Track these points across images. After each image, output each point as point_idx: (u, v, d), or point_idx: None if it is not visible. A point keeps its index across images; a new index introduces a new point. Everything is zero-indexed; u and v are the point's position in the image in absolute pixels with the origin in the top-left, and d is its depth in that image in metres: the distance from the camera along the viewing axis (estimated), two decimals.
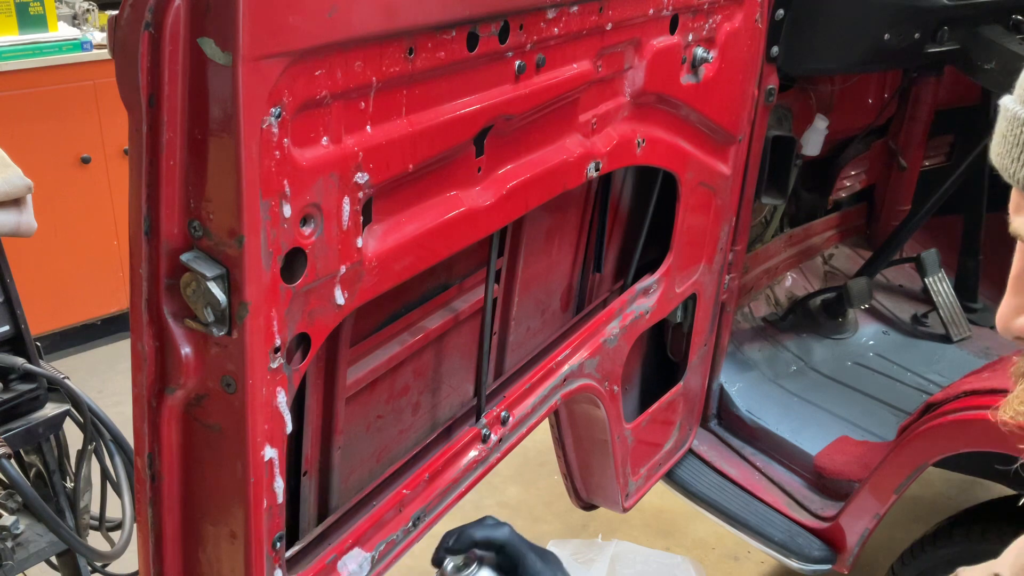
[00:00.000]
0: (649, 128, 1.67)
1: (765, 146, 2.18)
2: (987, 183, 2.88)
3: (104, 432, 1.90)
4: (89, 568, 2.01)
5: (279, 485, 1.08)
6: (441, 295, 1.51)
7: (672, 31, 1.61)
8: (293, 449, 1.27)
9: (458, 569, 1.00)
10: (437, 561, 1.02)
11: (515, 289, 1.69)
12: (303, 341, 1.07)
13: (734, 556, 3.06)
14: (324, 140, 1.00)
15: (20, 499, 1.75)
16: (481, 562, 1.00)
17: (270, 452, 1.05)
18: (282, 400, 1.05)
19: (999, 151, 0.73)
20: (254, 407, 1.01)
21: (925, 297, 2.91)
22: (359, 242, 1.09)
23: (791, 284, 2.97)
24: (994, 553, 1.12)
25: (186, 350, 0.99)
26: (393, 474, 1.42)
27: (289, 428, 1.08)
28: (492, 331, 1.63)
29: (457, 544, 1.00)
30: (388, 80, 1.04)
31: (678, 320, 2.19)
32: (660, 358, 2.31)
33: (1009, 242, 0.79)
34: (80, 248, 3.90)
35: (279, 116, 0.92)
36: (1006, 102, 0.72)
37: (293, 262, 1.01)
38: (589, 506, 2.31)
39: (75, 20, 4.05)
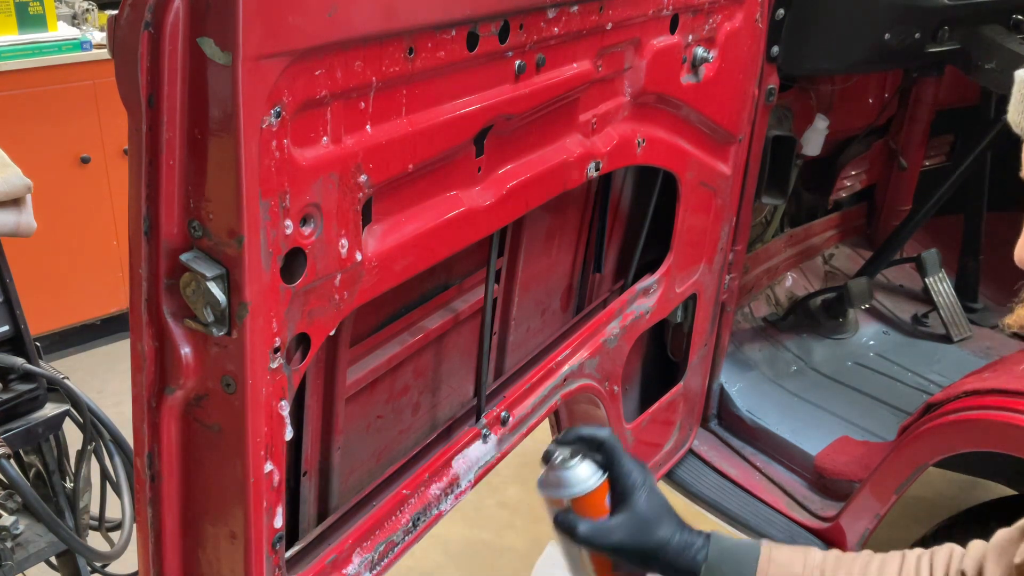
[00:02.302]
0: (649, 128, 1.67)
1: (765, 146, 2.18)
2: (987, 183, 2.88)
3: (104, 432, 1.90)
4: (89, 568, 2.01)
5: (279, 485, 1.08)
6: (441, 295, 1.51)
7: (672, 31, 1.61)
8: (293, 449, 1.27)
9: (564, 460, 1.15)
10: (547, 454, 1.17)
11: (515, 289, 1.69)
12: (303, 341, 1.07)
13: None
14: (324, 140, 1.00)
15: (20, 499, 1.75)
16: (584, 457, 1.15)
17: (270, 453, 1.05)
18: (282, 400, 1.05)
19: (1014, 110, 0.88)
20: (254, 407, 1.01)
21: (925, 297, 2.91)
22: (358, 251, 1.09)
23: (791, 284, 2.97)
24: None
25: (186, 350, 0.99)
26: (393, 474, 1.41)
27: (289, 428, 1.08)
28: (492, 331, 1.63)
29: (565, 437, 1.18)
30: (388, 80, 1.04)
31: (678, 320, 2.18)
32: (660, 358, 2.31)
33: (1010, 242, 0.90)
34: (80, 248, 3.90)
35: (279, 116, 0.92)
36: (1020, 73, 0.88)
37: (293, 262, 1.01)
38: None
39: (75, 20, 4.05)
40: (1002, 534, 1.03)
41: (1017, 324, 0.92)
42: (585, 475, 1.14)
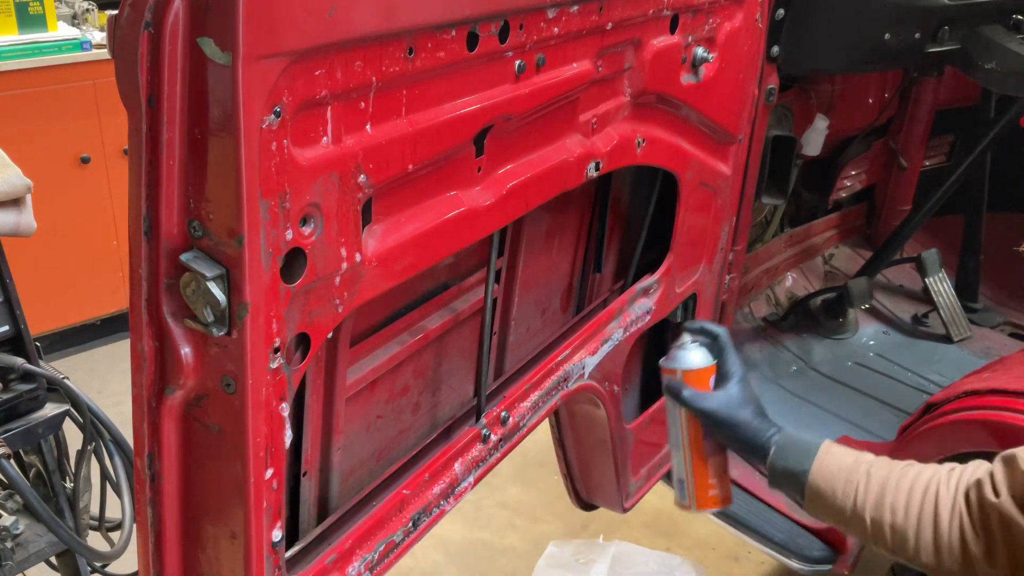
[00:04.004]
0: (649, 128, 1.67)
1: (765, 146, 2.18)
2: (987, 183, 2.88)
3: (104, 432, 1.90)
4: (89, 568, 2.01)
5: (279, 485, 1.08)
6: (441, 295, 1.51)
7: (672, 31, 1.61)
8: (293, 449, 1.27)
9: (685, 343, 1.46)
10: (676, 340, 1.48)
11: (515, 289, 1.69)
12: (303, 341, 1.07)
13: (734, 556, 3.06)
14: (324, 140, 1.00)
15: (20, 499, 1.75)
16: (701, 344, 1.46)
17: (270, 453, 1.05)
18: (282, 400, 1.05)
19: None
20: (254, 407, 1.01)
21: (925, 297, 2.91)
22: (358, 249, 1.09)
23: (791, 284, 2.97)
24: None
25: (186, 350, 0.99)
26: (393, 474, 1.41)
27: (289, 428, 1.08)
28: (492, 331, 1.63)
29: (691, 325, 1.48)
30: (388, 80, 1.04)
31: (678, 320, 2.18)
32: (660, 358, 2.30)
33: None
34: (80, 248, 3.90)
35: (279, 116, 0.92)
36: None
37: (293, 262, 1.01)
38: (589, 506, 2.31)
39: (75, 20, 4.05)
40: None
41: None
42: (698, 357, 1.44)
